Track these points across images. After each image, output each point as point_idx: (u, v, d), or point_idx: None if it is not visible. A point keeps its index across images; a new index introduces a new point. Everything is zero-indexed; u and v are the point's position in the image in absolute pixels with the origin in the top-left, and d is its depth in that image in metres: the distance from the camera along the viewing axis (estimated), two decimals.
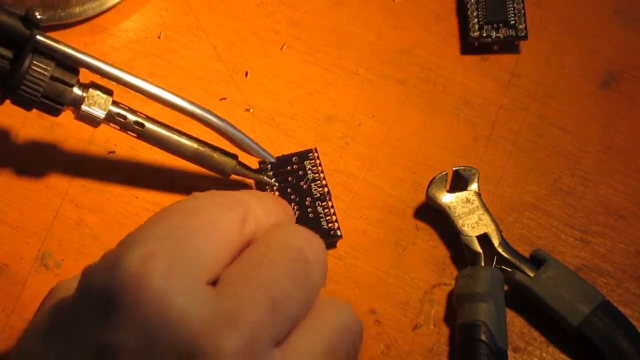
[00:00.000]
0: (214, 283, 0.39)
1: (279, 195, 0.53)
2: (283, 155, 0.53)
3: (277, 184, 0.53)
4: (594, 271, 0.53)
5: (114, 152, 0.54)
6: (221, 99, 0.55)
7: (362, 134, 0.55)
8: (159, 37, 0.57)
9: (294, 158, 0.53)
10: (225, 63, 0.56)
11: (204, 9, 0.57)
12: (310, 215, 0.52)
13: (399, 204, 0.54)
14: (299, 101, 0.56)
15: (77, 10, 0.55)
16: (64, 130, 0.54)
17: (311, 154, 0.54)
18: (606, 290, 0.53)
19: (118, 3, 0.56)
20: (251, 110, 0.55)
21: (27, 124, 0.54)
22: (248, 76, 0.56)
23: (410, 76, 0.57)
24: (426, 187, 0.53)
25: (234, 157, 0.52)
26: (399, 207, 0.54)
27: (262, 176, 0.53)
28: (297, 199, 0.53)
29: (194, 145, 0.51)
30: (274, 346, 0.38)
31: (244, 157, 0.52)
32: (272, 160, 0.52)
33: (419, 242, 0.53)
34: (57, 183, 0.54)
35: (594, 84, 0.57)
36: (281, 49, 0.57)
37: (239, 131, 0.51)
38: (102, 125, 0.55)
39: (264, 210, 0.42)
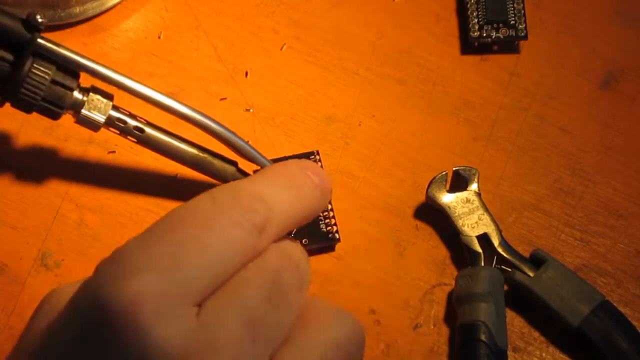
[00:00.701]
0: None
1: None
2: (285, 157, 0.53)
3: None
4: (593, 271, 0.53)
5: (114, 152, 0.54)
6: (221, 99, 0.55)
7: (362, 134, 0.55)
8: (159, 37, 0.57)
9: None
10: (225, 63, 0.56)
11: (204, 9, 0.57)
12: None
13: (399, 204, 0.54)
14: (299, 101, 0.56)
15: (77, 10, 0.55)
16: (64, 130, 0.54)
17: (313, 157, 0.54)
18: (606, 290, 0.53)
19: (118, 3, 0.56)
20: (251, 110, 0.55)
21: (28, 125, 0.54)
22: (248, 76, 0.56)
23: (410, 76, 0.57)
24: (426, 187, 0.53)
25: (233, 163, 0.52)
26: (399, 207, 0.54)
27: None
28: None
29: (194, 151, 0.51)
30: None
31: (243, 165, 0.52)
32: (269, 164, 0.52)
33: (419, 242, 0.53)
34: (57, 183, 0.54)
35: (594, 84, 0.57)
36: (281, 49, 0.57)
37: (237, 137, 0.50)
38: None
39: (287, 196, 0.40)
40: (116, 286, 0.36)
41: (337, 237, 0.52)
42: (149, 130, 0.50)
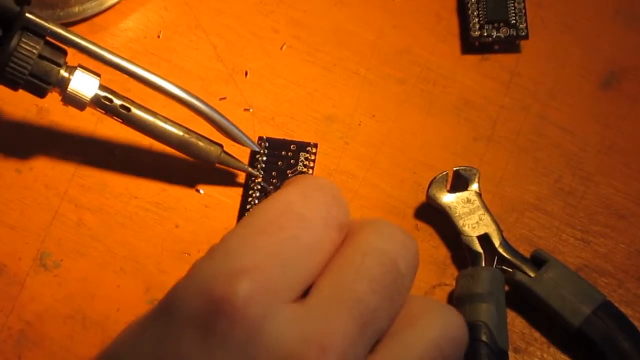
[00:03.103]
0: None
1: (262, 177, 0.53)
2: (284, 139, 0.54)
3: (262, 175, 0.53)
4: (595, 271, 0.53)
5: (113, 152, 0.54)
6: (221, 99, 0.55)
7: (362, 134, 0.55)
8: (159, 37, 0.57)
9: (292, 145, 0.54)
10: (225, 62, 0.56)
11: (204, 9, 0.57)
12: None
13: (399, 204, 0.54)
14: (298, 101, 0.56)
15: (76, 9, 0.55)
16: (63, 130, 0.54)
17: (309, 148, 0.54)
18: (607, 291, 0.52)
19: (117, 2, 0.56)
20: (251, 110, 0.55)
21: (27, 124, 0.54)
22: (248, 76, 0.56)
23: (410, 76, 0.57)
24: (426, 187, 0.53)
25: (219, 145, 0.52)
26: (399, 207, 0.54)
27: (247, 166, 0.53)
28: (278, 184, 0.53)
29: (180, 132, 0.51)
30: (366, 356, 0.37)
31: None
32: (256, 149, 0.53)
33: (419, 242, 0.53)
34: (56, 183, 0.54)
35: (595, 83, 0.57)
36: (281, 48, 0.57)
37: (225, 118, 0.51)
38: (101, 125, 0.55)
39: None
40: (227, 286, 0.36)
41: None
42: (135, 109, 0.50)
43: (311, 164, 0.53)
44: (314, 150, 0.54)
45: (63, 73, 0.49)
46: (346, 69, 0.57)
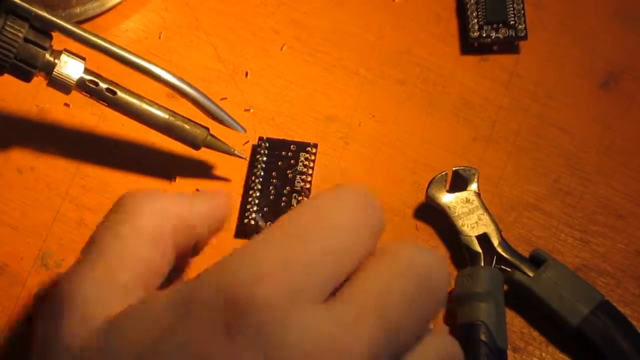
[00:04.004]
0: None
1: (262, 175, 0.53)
2: (284, 140, 0.54)
3: (247, 158, 0.53)
4: (593, 271, 0.53)
5: (114, 152, 0.54)
6: (221, 99, 0.56)
7: (362, 134, 0.55)
8: (160, 38, 0.57)
9: (292, 146, 0.54)
10: (226, 63, 0.56)
11: (204, 9, 0.57)
12: (282, 204, 0.52)
13: (399, 204, 0.54)
14: (299, 101, 0.56)
15: (77, 10, 0.55)
16: (64, 130, 0.54)
17: (309, 148, 0.54)
18: (606, 290, 0.53)
19: (118, 3, 0.57)
20: (251, 110, 0.56)
21: (28, 124, 0.54)
22: (248, 76, 0.56)
23: (410, 76, 0.57)
24: (426, 187, 0.53)
25: (205, 128, 0.52)
26: (399, 207, 0.54)
27: (233, 149, 0.53)
28: (278, 184, 0.53)
29: (166, 115, 0.51)
30: None
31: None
32: (243, 130, 0.52)
33: (418, 242, 0.53)
34: (57, 183, 0.54)
35: (594, 84, 0.57)
36: (281, 49, 0.57)
37: (212, 101, 0.51)
38: (102, 125, 0.55)
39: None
40: (250, 286, 0.36)
41: None
42: (120, 93, 0.50)
43: (311, 164, 0.54)
44: (314, 151, 0.54)
45: (48, 57, 0.49)
46: (346, 70, 0.57)
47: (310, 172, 0.53)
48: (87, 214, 0.53)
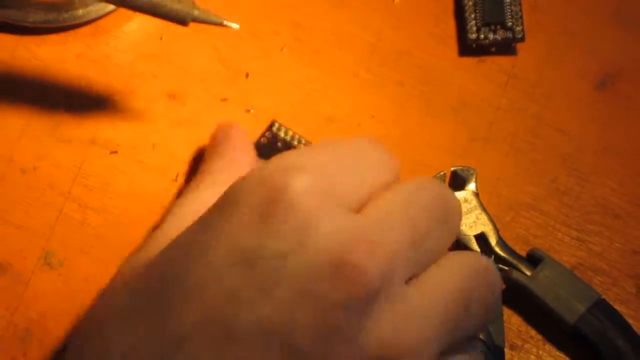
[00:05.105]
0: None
1: None
2: (284, 139, 0.54)
3: (238, 26, 0.52)
4: (590, 270, 0.53)
5: (116, 152, 0.54)
6: (222, 100, 0.56)
7: (362, 134, 0.56)
8: (161, 39, 0.57)
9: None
10: (226, 65, 0.57)
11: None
12: None
13: None
14: (299, 102, 0.56)
15: (80, 12, 0.55)
16: (67, 130, 0.55)
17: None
18: (602, 289, 0.53)
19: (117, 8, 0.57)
20: (252, 111, 0.56)
21: (31, 125, 0.55)
22: (248, 77, 0.56)
23: (409, 77, 0.57)
24: None
25: (191, 2, 0.50)
26: None
27: (223, 20, 0.51)
28: None
29: None
30: (405, 282, 0.39)
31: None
32: (236, 26, 0.51)
33: None
34: (60, 183, 0.54)
35: (591, 85, 0.57)
36: (281, 50, 0.57)
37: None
38: (105, 125, 0.55)
39: None
40: (286, 177, 0.38)
41: None
42: None
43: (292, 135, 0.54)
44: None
45: None
46: (346, 71, 0.57)
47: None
48: (90, 214, 0.53)
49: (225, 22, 0.51)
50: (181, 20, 0.50)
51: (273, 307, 0.37)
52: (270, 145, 0.54)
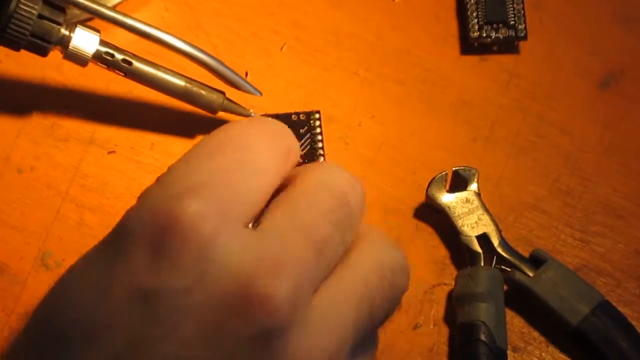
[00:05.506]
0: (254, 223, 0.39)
1: None
2: (285, 113, 0.55)
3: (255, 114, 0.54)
4: (593, 271, 0.53)
5: (114, 151, 0.54)
6: None
7: (362, 134, 0.56)
8: None
9: (293, 116, 0.54)
10: (226, 63, 0.56)
11: (204, 9, 0.58)
12: None
13: (399, 204, 0.54)
14: (298, 101, 0.56)
15: (78, 10, 0.55)
16: (64, 130, 0.54)
17: (313, 116, 0.54)
18: (605, 290, 0.53)
19: (119, 3, 0.56)
20: (251, 111, 0.56)
21: (28, 125, 0.54)
22: (248, 76, 0.56)
23: (409, 76, 0.57)
24: (426, 187, 0.53)
25: (221, 93, 0.53)
26: (399, 207, 0.54)
27: (249, 110, 0.53)
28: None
29: (182, 82, 0.52)
30: (314, 292, 0.38)
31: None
32: (259, 94, 0.53)
33: (418, 242, 0.53)
34: (57, 183, 0.54)
35: (593, 84, 0.57)
36: (281, 49, 0.57)
37: (225, 65, 0.52)
38: (102, 126, 0.55)
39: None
40: (176, 205, 0.36)
41: None
42: (136, 63, 0.51)
43: (318, 130, 0.54)
44: (317, 117, 0.54)
45: (64, 31, 0.50)
46: (346, 70, 0.57)
47: (319, 137, 0.54)
48: (87, 214, 0.53)
49: (252, 113, 0.53)
50: (211, 109, 0.52)
51: (178, 346, 0.35)
52: None
